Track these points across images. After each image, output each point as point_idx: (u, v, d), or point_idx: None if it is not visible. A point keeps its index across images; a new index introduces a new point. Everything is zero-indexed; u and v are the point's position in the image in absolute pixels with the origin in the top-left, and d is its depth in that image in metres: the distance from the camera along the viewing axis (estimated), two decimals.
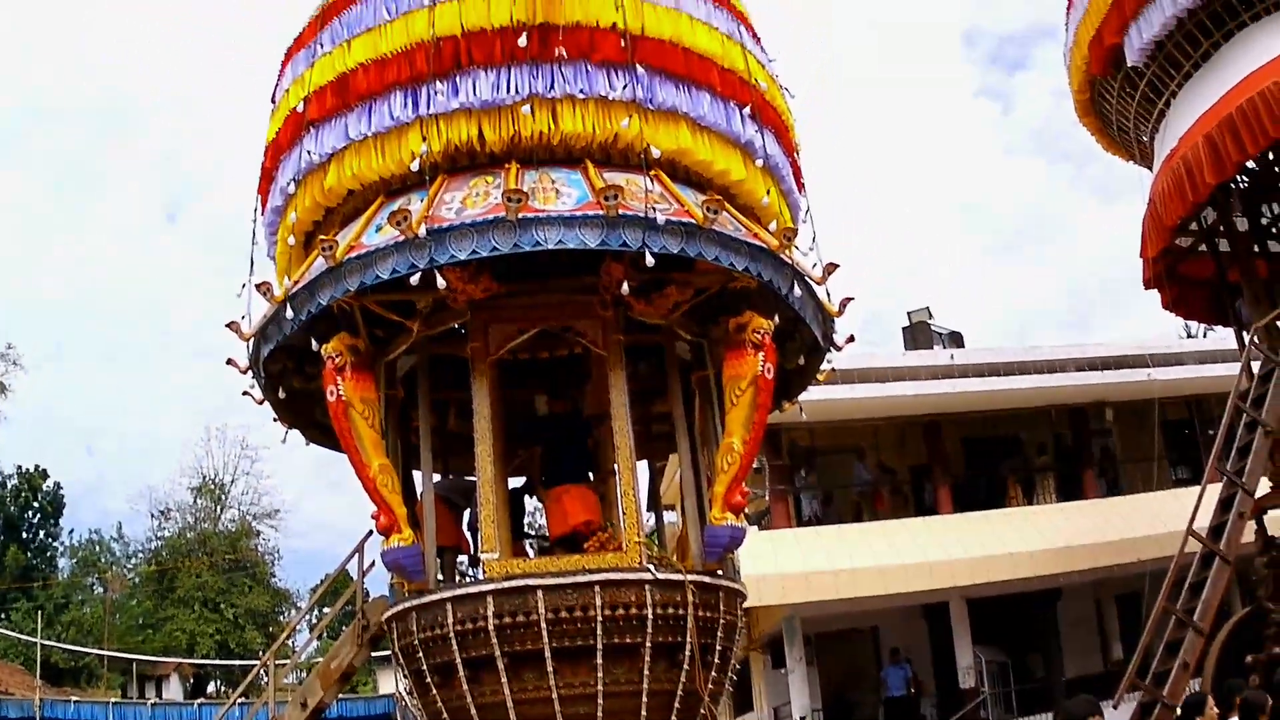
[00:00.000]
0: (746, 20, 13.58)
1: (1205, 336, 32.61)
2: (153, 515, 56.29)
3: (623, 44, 11.63)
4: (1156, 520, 24.81)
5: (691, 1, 12.59)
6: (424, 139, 11.45)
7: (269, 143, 13.06)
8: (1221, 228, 21.35)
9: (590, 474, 13.17)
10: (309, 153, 12.13)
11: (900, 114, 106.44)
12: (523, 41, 11.39)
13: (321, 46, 12.61)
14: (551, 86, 11.54)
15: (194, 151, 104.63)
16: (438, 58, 11.62)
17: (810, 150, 14.21)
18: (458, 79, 11.67)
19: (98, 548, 59.63)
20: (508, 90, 11.57)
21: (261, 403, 13.06)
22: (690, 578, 11.20)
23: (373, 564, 13.66)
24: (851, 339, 13.33)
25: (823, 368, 13.74)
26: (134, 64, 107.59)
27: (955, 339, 32.76)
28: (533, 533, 15.81)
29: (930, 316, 33.29)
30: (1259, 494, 17.98)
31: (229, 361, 12.40)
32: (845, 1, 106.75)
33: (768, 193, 12.54)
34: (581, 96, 11.57)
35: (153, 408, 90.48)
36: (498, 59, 11.64)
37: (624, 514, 11.43)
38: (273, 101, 13.43)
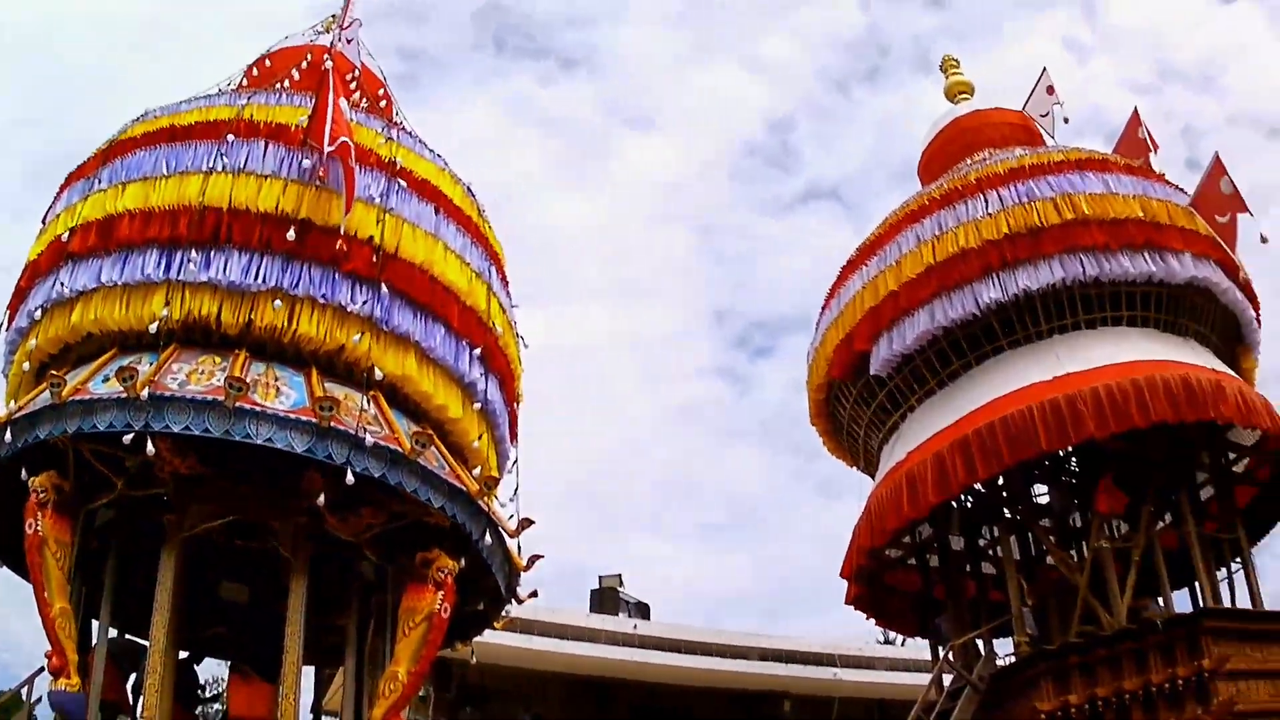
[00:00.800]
0: (499, 261, 15.40)
1: (902, 645, 34.51)
2: None
3: (374, 259, 13.25)
4: None
5: (450, 231, 14.45)
6: (167, 303, 12.89)
7: (29, 261, 14.40)
8: (935, 544, 23.76)
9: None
10: (62, 284, 13.52)
11: (633, 382, 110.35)
12: (291, 235, 13.04)
13: (99, 182, 14.12)
14: (296, 284, 13.19)
15: None
16: (199, 225, 13.20)
17: (532, 402, 15.63)
18: (212, 253, 13.20)
19: None
20: (255, 277, 13.14)
21: None
22: None
23: (40, 698, 14.23)
24: (534, 594, 15.04)
25: (502, 616, 15.25)
26: None
27: (642, 609, 34.60)
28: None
29: (621, 584, 35.35)
30: None
31: None
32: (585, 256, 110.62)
33: (480, 437, 14.23)
34: (322, 302, 13.24)
35: None
36: (254, 243, 13.25)
37: (283, 715, 12.62)
38: (43, 222, 14.89)
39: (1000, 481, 23.23)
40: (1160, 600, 21.64)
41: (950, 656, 21.46)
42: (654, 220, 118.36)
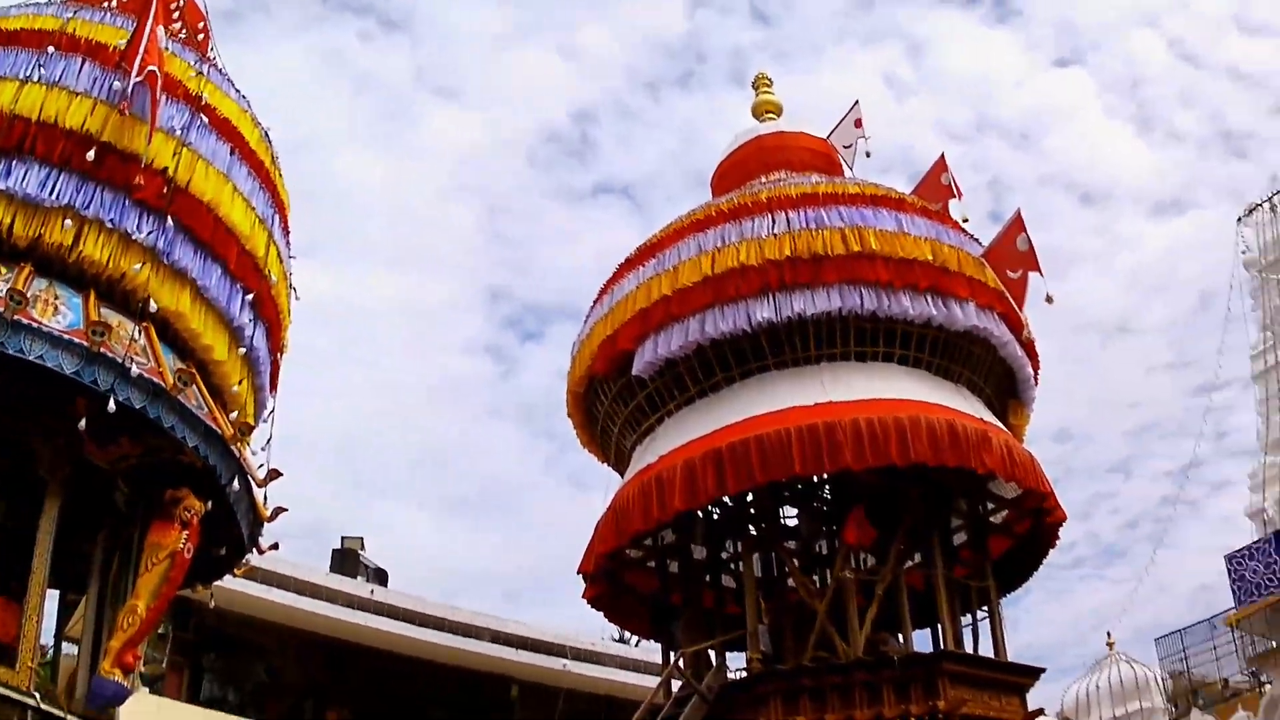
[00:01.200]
0: (284, 210, 16.14)
1: (636, 645, 35.31)
2: None
3: (165, 191, 13.89)
4: None
5: (242, 173, 15.15)
6: None
7: None
8: (677, 550, 24.77)
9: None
10: None
11: (401, 350, 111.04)
12: (91, 155, 13.48)
13: None
14: (88, 205, 13.64)
15: None
16: (7, 133, 13.56)
17: (297, 355, 16.13)
18: (14, 162, 13.55)
19: None
20: (51, 192, 13.53)
21: None
22: (69, 718, 12.96)
23: None
24: (275, 546, 15.56)
25: (243, 563, 15.68)
26: None
27: (380, 576, 35.20)
28: None
29: (363, 548, 35.89)
30: None
31: None
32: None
33: (240, 382, 14.87)
34: (110, 226, 13.70)
35: None
36: (54, 159, 13.63)
37: (24, 636, 12.97)
38: None
39: (750, 498, 24.19)
40: (900, 637, 22.48)
41: (681, 663, 22.20)
42: (446, 192, 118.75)
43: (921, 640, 23.59)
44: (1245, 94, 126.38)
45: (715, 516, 24.94)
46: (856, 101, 28.39)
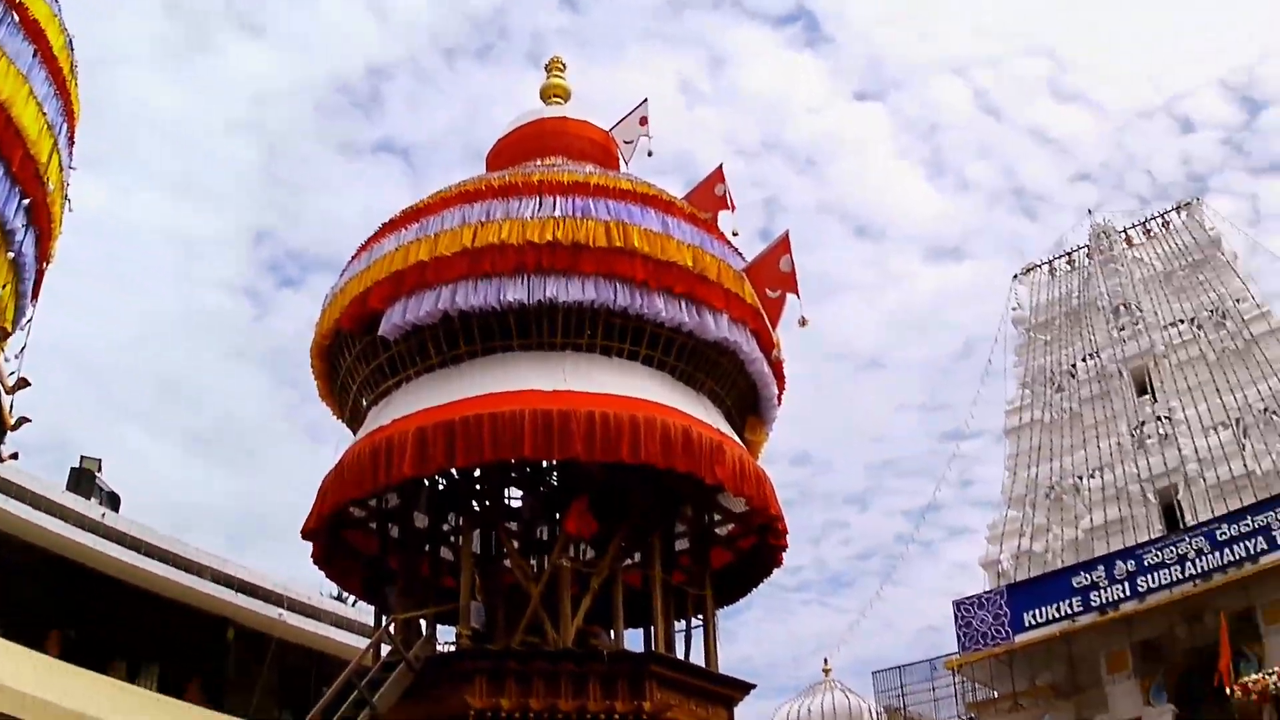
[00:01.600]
0: (73, 121, 16.26)
1: (353, 605, 35.48)
2: None
3: None
4: None
5: (40, 77, 15.55)
6: None
7: None
8: (400, 516, 24.89)
9: None
10: None
11: (164, 278, 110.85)
12: None
13: None
14: None
15: None
16: None
17: (62, 268, 16.12)
18: None
19: None
20: None
21: None
22: None
23: None
24: (15, 456, 15.66)
25: None
26: None
27: (113, 500, 34.89)
28: None
29: (100, 470, 35.39)
30: None
31: None
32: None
33: (4, 285, 14.62)
34: None
35: None
36: None
37: None
38: None
39: (477, 473, 24.43)
40: (612, 633, 22.84)
41: (391, 629, 22.29)
42: (233, 126, 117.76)
43: (634, 639, 24.31)
44: (1046, 157, 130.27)
45: (441, 487, 25.15)
46: (645, 100, 28.88)
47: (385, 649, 22.13)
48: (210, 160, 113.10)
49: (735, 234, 25.42)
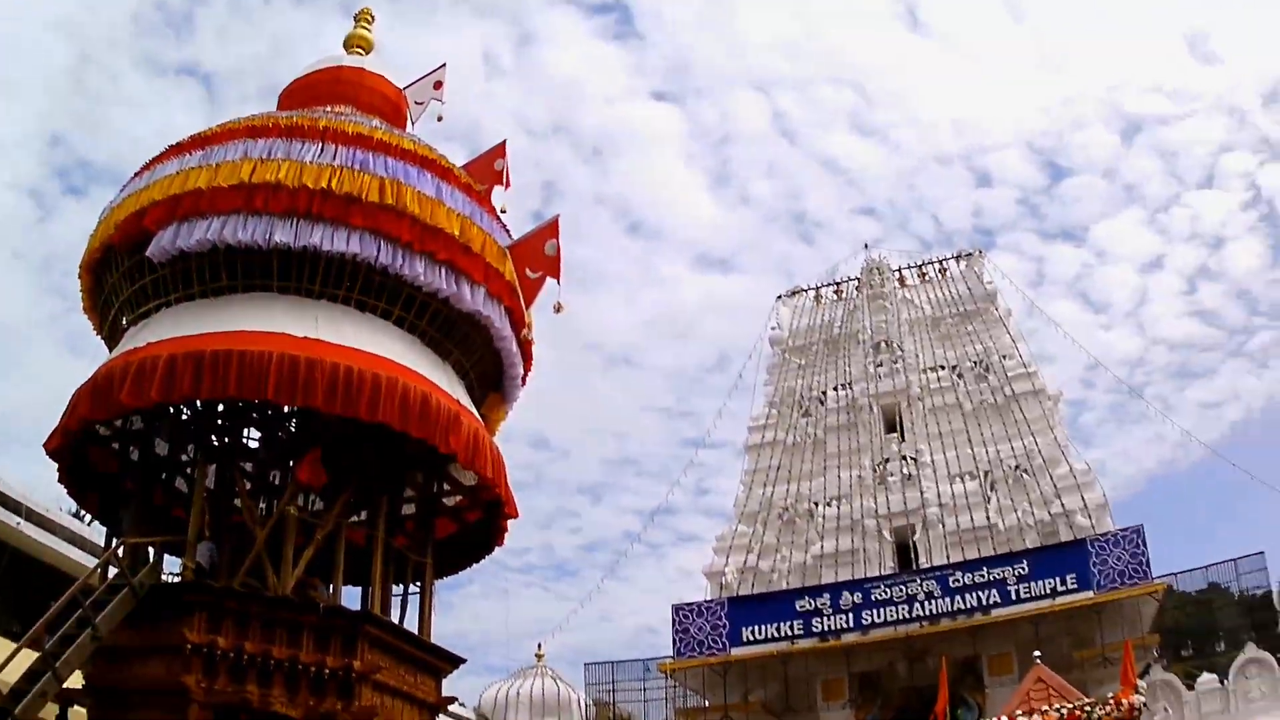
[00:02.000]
0: None
1: (89, 524, 35.48)
2: None
3: None
4: None
5: None
6: None
7: None
8: (142, 440, 25.14)
9: None
10: None
11: None
12: None
13: None
14: None
15: None
16: None
17: None
18: None
19: None
20: None
21: None
22: None
23: None
24: None
25: None
26: None
27: None
28: None
29: None
30: (66, 685, 20.51)
31: None
32: None
33: None
34: None
35: None
36: None
37: None
38: None
39: (220, 408, 24.97)
40: (331, 588, 23.28)
41: (120, 552, 22.20)
42: (44, 27, 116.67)
43: (352, 597, 24.72)
44: (833, 186, 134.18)
45: (185, 417, 25.35)
46: (444, 65, 29.47)
47: (113, 571, 22.11)
48: (22, 58, 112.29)
49: (504, 210, 26.07)
